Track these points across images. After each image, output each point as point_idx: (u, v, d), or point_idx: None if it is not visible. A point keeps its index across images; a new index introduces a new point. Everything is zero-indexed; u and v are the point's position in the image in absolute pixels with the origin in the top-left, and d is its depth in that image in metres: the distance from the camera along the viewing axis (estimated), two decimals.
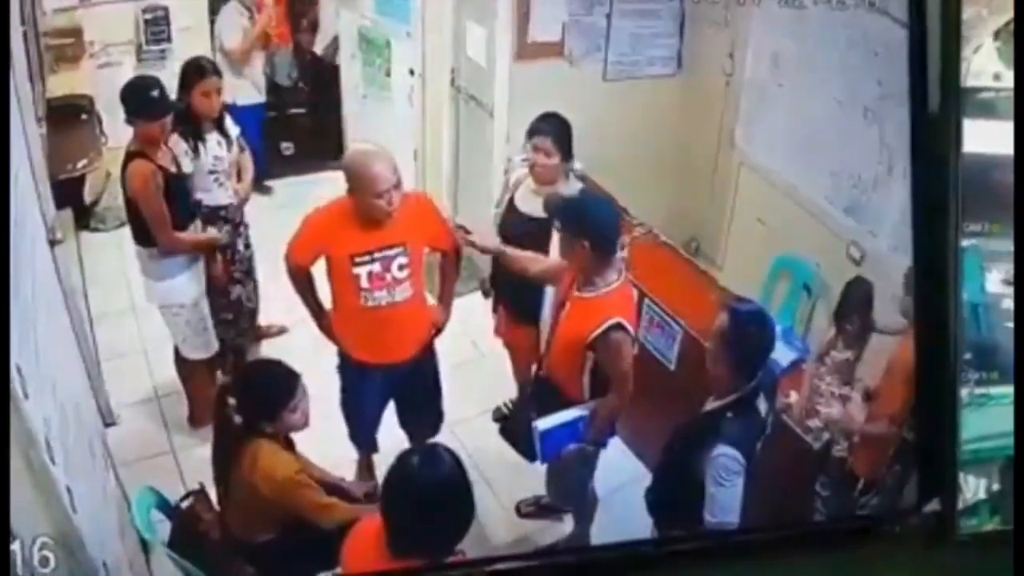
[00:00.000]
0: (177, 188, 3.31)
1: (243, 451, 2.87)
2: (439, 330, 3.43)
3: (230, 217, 3.51)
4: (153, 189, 3.22)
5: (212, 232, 3.44)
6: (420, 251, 3.24)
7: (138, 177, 3.22)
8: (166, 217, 3.27)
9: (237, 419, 2.88)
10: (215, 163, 3.45)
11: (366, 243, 3.15)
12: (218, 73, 3.44)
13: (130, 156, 3.23)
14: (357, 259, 3.15)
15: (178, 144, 3.35)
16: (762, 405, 2.94)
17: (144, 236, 3.31)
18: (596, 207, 3.20)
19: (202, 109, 3.39)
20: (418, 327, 3.36)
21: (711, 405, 2.94)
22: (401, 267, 3.19)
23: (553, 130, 3.37)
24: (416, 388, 3.42)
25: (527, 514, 3.48)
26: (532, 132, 3.40)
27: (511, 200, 3.51)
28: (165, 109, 3.25)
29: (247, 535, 2.96)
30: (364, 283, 3.17)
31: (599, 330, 3.05)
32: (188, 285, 3.40)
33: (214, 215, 3.47)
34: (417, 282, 3.25)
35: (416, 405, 3.44)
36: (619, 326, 3.05)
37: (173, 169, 3.31)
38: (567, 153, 3.39)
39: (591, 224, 3.08)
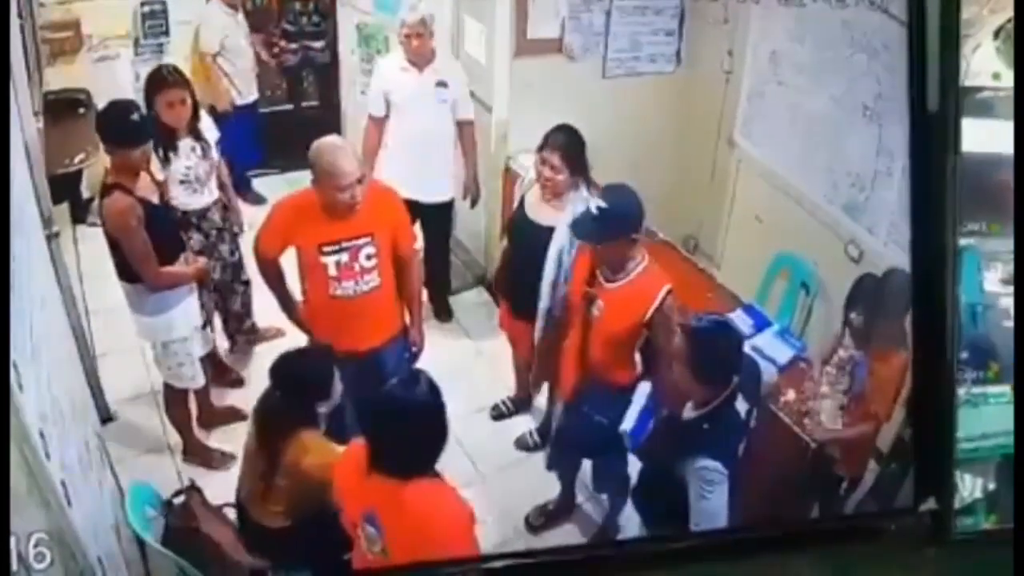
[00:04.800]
0: (163, 219, 3.19)
1: (287, 443, 2.87)
2: (416, 353, 3.44)
3: (205, 226, 3.46)
4: (134, 224, 3.08)
5: (201, 260, 3.36)
6: (388, 241, 3.25)
7: (116, 213, 3.08)
8: (149, 253, 3.13)
9: (281, 409, 2.90)
10: (186, 172, 3.38)
11: (334, 233, 3.17)
12: (182, 83, 3.34)
13: (107, 189, 3.10)
14: (325, 248, 3.17)
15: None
16: (742, 406, 2.93)
17: (129, 271, 3.18)
18: (621, 202, 3.15)
19: (168, 120, 3.31)
20: (387, 317, 3.37)
21: (688, 414, 2.94)
22: (369, 257, 3.22)
23: (562, 144, 3.34)
24: (387, 377, 3.42)
25: (539, 527, 3.45)
26: (542, 146, 3.37)
27: (521, 203, 3.50)
28: (145, 134, 3.13)
29: (271, 521, 2.94)
30: (332, 272, 3.19)
31: (657, 302, 3.09)
32: (186, 317, 3.31)
33: (186, 221, 3.41)
34: (385, 272, 3.26)
35: None
36: (670, 290, 3.12)
37: (155, 199, 3.18)
38: (577, 168, 3.35)
39: (622, 221, 3.10)
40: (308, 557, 2.92)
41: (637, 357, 3.23)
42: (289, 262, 3.29)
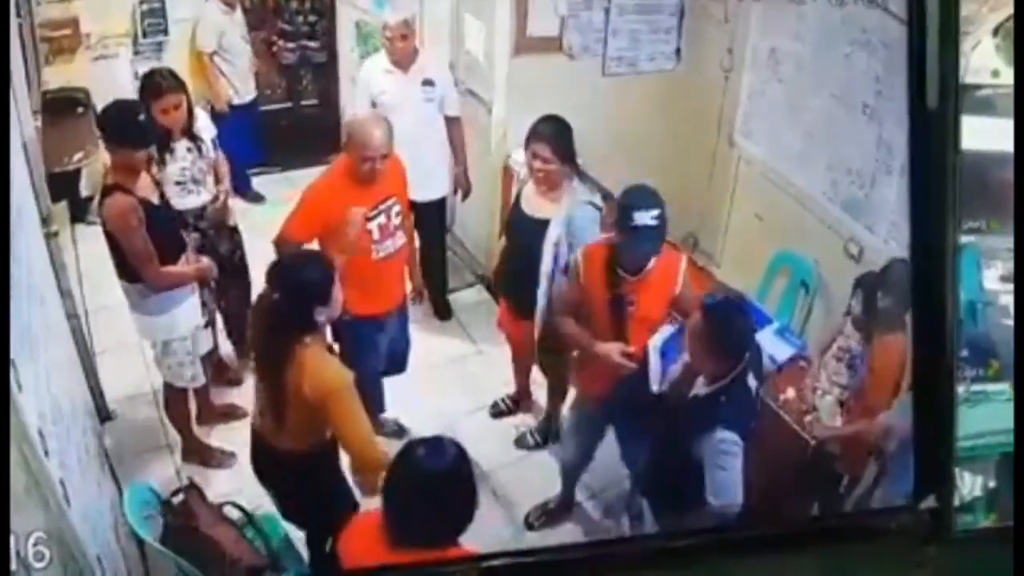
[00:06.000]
0: (163, 219, 3.18)
1: (289, 357, 2.79)
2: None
3: (203, 225, 3.45)
4: (134, 225, 3.07)
5: (203, 260, 3.34)
6: (404, 199, 3.39)
7: (116, 213, 3.07)
8: (151, 253, 3.12)
9: (278, 313, 2.79)
10: (181, 173, 3.37)
11: (371, 198, 3.27)
12: (177, 87, 3.33)
13: (107, 190, 3.08)
14: (370, 215, 3.26)
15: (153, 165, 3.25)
16: (752, 382, 2.97)
17: (130, 271, 3.17)
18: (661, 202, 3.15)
19: (164, 123, 3.30)
20: (403, 273, 3.54)
21: (702, 390, 2.96)
22: (397, 214, 3.34)
23: (551, 135, 3.34)
24: (400, 333, 3.54)
25: (539, 525, 3.45)
26: (529, 139, 3.37)
27: (517, 199, 3.51)
28: (150, 136, 3.13)
29: (284, 443, 2.90)
30: (376, 236, 3.29)
31: (681, 277, 3.19)
32: (188, 315, 3.31)
33: (183, 220, 3.39)
34: (407, 228, 3.43)
35: (399, 350, 3.55)
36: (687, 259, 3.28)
37: (155, 199, 3.17)
38: (567, 156, 3.36)
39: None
40: (319, 486, 2.89)
41: None
42: None
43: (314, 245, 3.25)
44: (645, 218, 3.05)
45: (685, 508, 3.03)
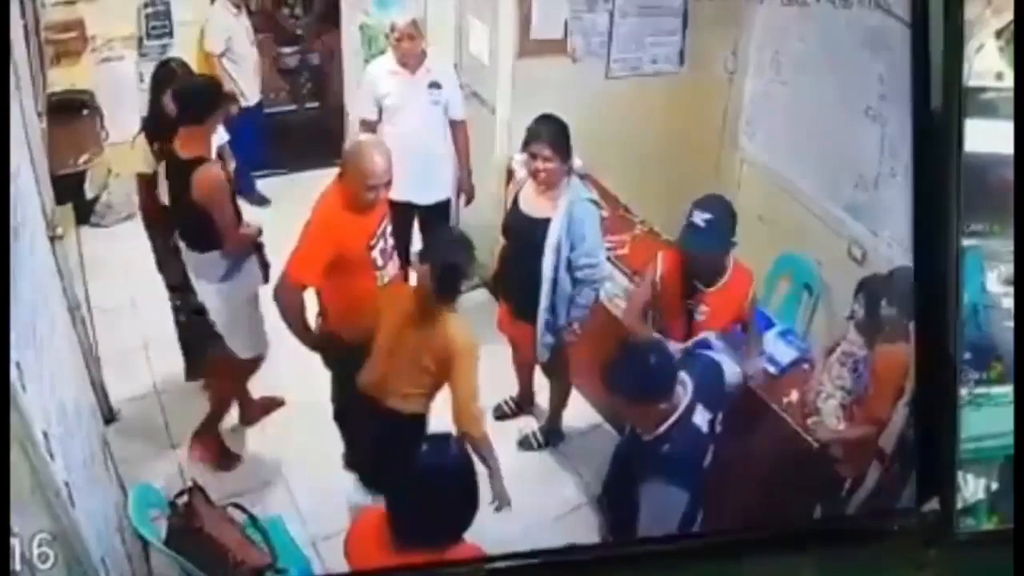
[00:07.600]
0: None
1: (435, 325, 3.07)
2: None
3: None
4: (223, 194, 3.18)
5: (254, 225, 3.38)
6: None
7: (210, 183, 3.16)
8: (235, 219, 3.24)
9: (435, 292, 3.06)
10: None
11: (370, 225, 3.21)
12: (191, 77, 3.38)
13: (192, 163, 3.15)
14: (372, 243, 3.21)
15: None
16: (702, 417, 2.90)
17: (201, 240, 3.23)
18: (723, 215, 3.27)
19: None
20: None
21: (647, 436, 2.91)
22: (390, 234, 3.30)
23: (550, 134, 3.35)
24: None
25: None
26: (528, 139, 3.38)
27: (515, 200, 3.50)
28: (223, 100, 3.30)
29: (409, 406, 3.13)
30: (380, 262, 3.24)
31: (751, 294, 3.36)
32: (253, 276, 3.35)
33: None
34: (399, 248, 3.40)
35: None
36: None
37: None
38: (566, 155, 3.37)
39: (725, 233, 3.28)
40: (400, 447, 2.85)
41: None
42: None
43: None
44: (698, 218, 3.20)
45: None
